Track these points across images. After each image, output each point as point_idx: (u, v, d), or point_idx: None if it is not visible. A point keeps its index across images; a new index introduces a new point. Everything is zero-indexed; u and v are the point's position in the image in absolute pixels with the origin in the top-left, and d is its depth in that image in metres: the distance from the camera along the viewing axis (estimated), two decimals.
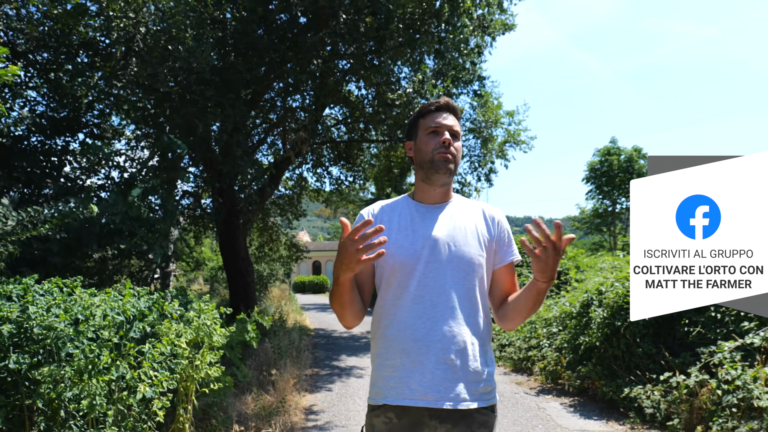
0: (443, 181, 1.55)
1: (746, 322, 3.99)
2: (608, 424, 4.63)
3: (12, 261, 3.76)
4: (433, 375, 1.42)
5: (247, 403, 4.78)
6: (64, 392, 2.67)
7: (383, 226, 1.27)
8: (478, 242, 1.55)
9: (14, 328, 2.64)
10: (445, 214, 1.57)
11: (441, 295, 1.46)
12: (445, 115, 1.57)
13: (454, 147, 1.55)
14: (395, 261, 1.49)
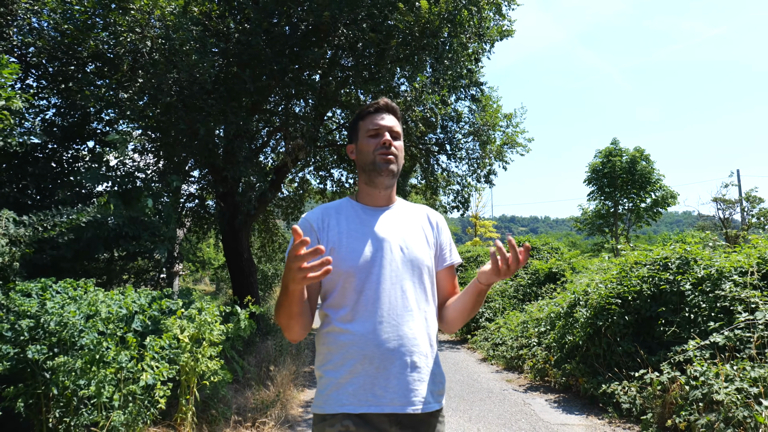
0: (386, 183, 1.52)
1: (712, 322, 4.21)
2: (588, 418, 4.87)
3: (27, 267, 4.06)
4: (398, 380, 1.39)
5: (247, 398, 5.05)
6: (76, 380, 2.95)
7: (322, 247, 1.19)
8: (427, 244, 1.55)
9: (33, 322, 2.93)
10: (392, 217, 1.55)
11: (400, 297, 1.44)
12: (384, 116, 1.55)
13: (395, 147, 1.53)
14: (349, 266, 1.44)
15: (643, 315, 5.13)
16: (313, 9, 5.59)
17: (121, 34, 4.97)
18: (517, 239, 13.37)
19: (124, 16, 4.89)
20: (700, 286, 4.71)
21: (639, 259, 5.66)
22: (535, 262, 10.95)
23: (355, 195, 1.61)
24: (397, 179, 1.55)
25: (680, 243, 5.50)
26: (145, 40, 4.87)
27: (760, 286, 4.38)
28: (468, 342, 9.99)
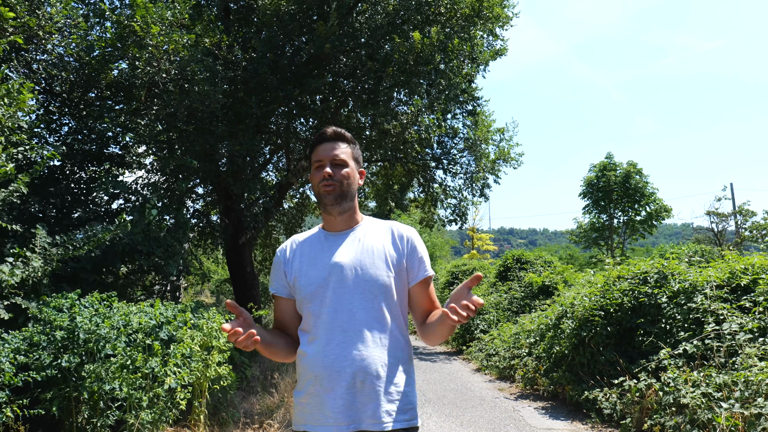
0: (336, 210, 1.57)
1: (683, 332, 4.56)
2: (573, 424, 5.19)
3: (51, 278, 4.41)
4: (344, 400, 1.43)
5: (252, 403, 5.37)
6: (103, 386, 3.29)
7: (243, 330, 1.35)
8: (385, 263, 1.55)
9: (65, 334, 3.28)
10: (351, 240, 1.58)
11: (350, 320, 1.48)
12: (329, 145, 1.58)
13: (339, 176, 1.56)
14: (305, 291, 1.53)
15: (624, 326, 5.48)
16: (315, 41, 6.04)
17: (138, 67, 5.39)
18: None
19: (141, 51, 5.31)
20: (675, 299, 5.06)
21: (621, 274, 6.02)
22: (530, 275, 11.29)
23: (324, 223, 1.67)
24: (348, 203, 1.58)
25: (659, 258, 5.88)
26: (161, 73, 5.29)
27: (729, 299, 4.74)
28: (463, 353, 10.30)
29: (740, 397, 3.41)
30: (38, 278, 3.91)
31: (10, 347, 2.99)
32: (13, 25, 4.44)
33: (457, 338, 11.00)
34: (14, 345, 3.02)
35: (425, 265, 1.61)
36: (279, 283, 1.62)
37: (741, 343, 4.01)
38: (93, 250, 4.30)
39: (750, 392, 3.45)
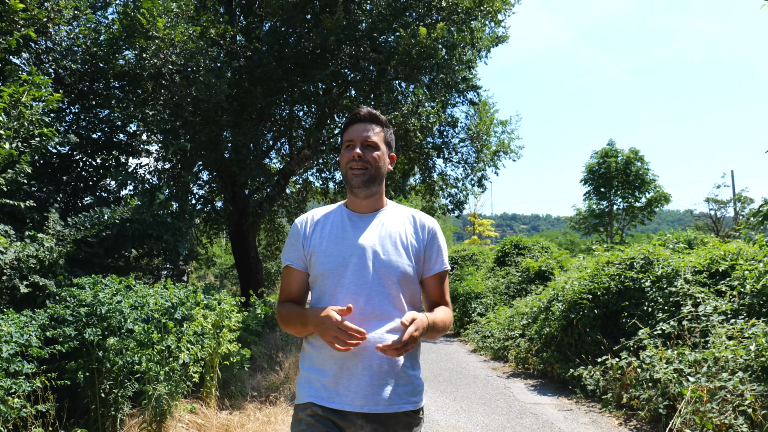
0: (361, 194, 1.57)
1: (662, 314, 4.85)
2: (559, 399, 5.51)
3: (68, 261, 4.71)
4: (360, 381, 1.45)
5: (258, 380, 5.71)
6: (124, 358, 3.60)
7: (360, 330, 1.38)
8: (406, 251, 1.56)
9: (88, 309, 3.58)
10: (375, 223, 1.58)
11: (368, 303, 1.49)
12: (361, 126, 1.57)
13: (369, 158, 1.54)
14: (324, 269, 1.53)
15: (610, 308, 5.77)
16: (320, 32, 6.22)
17: (144, 58, 5.60)
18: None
19: (148, 42, 5.52)
20: (657, 283, 5.34)
21: (610, 259, 6.28)
22: (526, 261, 11.58)
23: (347, 201, 1.67)
24: (376, 186, 1.58)
25: (645, 245, 6.13)
26: (168, 64, 5.50)
27: (708, 283, 5.01)
28: (461, 335, 10.65)
29: (706, 372, 3.71)
30: (54, 259, 4.19)
31: (37, 323, 3.28)
32: (23, 17, 4.64)
33: (456, 322, 11.35)
34: (41, 321, 3.32)
35: (443, 259, 1.64)
36: (295, 255, 1.61)
37: (714, 324, 4.28)
38: (104, 233, 4.57)
39: (717, 368, 3.73)
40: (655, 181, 24.27)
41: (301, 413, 1.51)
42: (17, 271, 3.78)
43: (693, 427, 3.56)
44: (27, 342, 2.99)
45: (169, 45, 5.56)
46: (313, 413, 1.48)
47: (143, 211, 5.28)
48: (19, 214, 4.48)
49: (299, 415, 1.52)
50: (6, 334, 2.87)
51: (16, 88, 3.48)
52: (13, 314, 3.14)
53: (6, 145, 3.34)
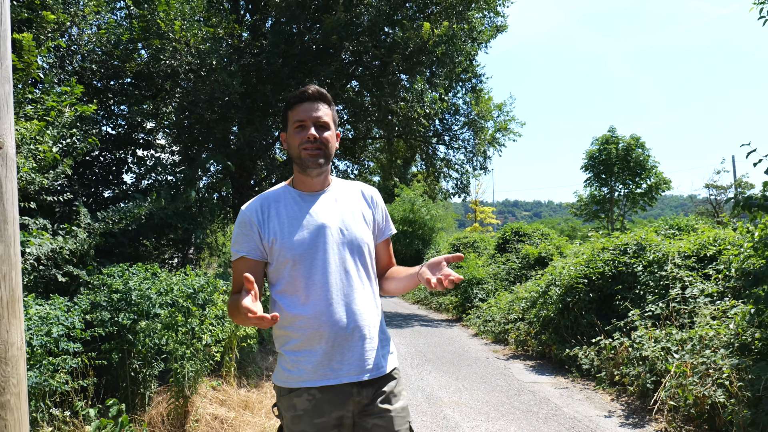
0: (315, 173, 1.57)
1: (649, 295, 5.14)
2: (556, 378, 5.84)
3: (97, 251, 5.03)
4: (353, 353, 1.52)
5: (271, 362, 6.06)
6: (152, 340, 3.93)
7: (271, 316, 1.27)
8: (364, 222, 1.64)
9: (121, 296, 3.89)
10: (329, 200, 1.61)
11: (344, 278, 1.54)
12: (312, 105, 1.56)
13: (321, 139, 1.55)
14: (294, 254, 1.52)
15: (605, 292, 6.07)
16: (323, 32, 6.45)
17: (161, 59, 5.85)
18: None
19: (164, 43, 5.77)
20: (649, 267, 5.62)
21: (605, 245, 6.56)
22: (526, 247, 11.86)
23: (292, 181, 1.65)
24: (328, 165, 1.60)
25: (638, 231, 6.41)
26: (183, 65, 5.75)
27: (696, 267, 5.29)
28: (462, 320, 10.99)
29: (690, 349, 4.00)
30: (84, 250, 4.51)
31: (80, 308, 3.60)
32: (51, 26, 4.90)
33: (458, 306, 11.68)
34: (83, 306, 3.63)
35: (390, 224, 1.76)
36: (250, 245, 1.56)
37: (700, 305, 4.57)
38: (129, 225, 4.88)
39: (701, 346, 4.03)
40: (656, 168, 24.41)
41: (296, 399, 1.52)
42: (53, 262, 4.09)
43: (676, 400, 3.87)
44: (72, 324, 3.30)
45: (185, 46, 5.80)
46: (311, 397, 1.51)
47: (167, 207, 5.59)
48: (48, 207, 4.79)
49: (294, 401, 1.52)
50: (54, 317, 3.19)
51: (56, 98, 3.76)
52: (57, 299, 3.45)
53: (54, 148, 3.64)
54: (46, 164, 3.88)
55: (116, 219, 4.86)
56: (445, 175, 14.76)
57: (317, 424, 1.51)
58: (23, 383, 1.43)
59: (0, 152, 1.41)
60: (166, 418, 4.05)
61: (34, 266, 4.00)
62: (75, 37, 5.52)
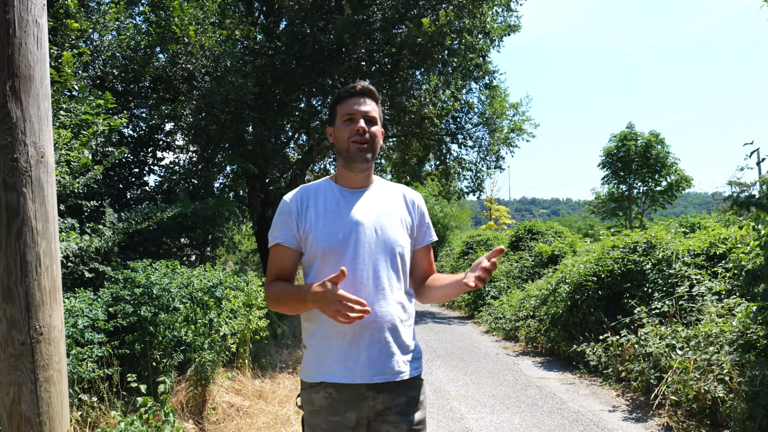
0: (361, 168, 1.58)
1: (656, 293, 5.18)
2: (563, 374, 5.92)
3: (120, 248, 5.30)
4: (369, 354, 1.50)
5: (285, 355, 6.28)
6: (173, 333, 4.15)
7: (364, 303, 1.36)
8: (402, 225, 1.62)
9: (143, 290, 4.13)
10: (368, 199, 1.61)
11: (371, 277, 1.53)
12: (361, 100, 1.57)
13: (370, 133, 1.55)
14: (325, 246, 1.53)
15: (614, 290, 6.11)
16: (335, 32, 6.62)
17: (177, 62, 6.10)
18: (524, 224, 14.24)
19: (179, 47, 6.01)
20: (658, 266, 5.65)
21: (616, 244, 6.59)
22: (540, 245, 11.87)
23: (335, 176, 1.66)
24: (373, 162, 1.61)
25: (648, 230, 6.42)
26: (199, 68, 5.99)
27: (705, 266, 5.31)
28: (474, 317, 11.08)
29: (694, 346, 4.06)
30: (109, 247, 4.77)
31: (103, 300, 3.84)
32: (75, 34, 5.17)
33: (470, 304, 11.77)
34: (105, 299, 3.88)
35: (431, 231, 1.74)
36: (288, 233, 1.58)
37: (707, 303, 4.61)
38: (151, 226, 5.14)
39: (705, 343, 4.08)
40: (676, 165, 23.99)
41: (314, 394, 1.54)
42: (80, 259, 4.35)
43: (678, 395, 3.94)
44: (95, 316, 3.54)
45: (200, 50, 6.04)
46: (327, 395, 1.52)
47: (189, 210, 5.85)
48: (77, 207, 5.07)
49: (312, 396, 1.55)
50: (79, 310, 3.42)
51: (89, 110, 4.03)
52: (83, 292, 3.70)
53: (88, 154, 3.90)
54: (78, 169, 4.15)
55: (139, 219, 5.12)
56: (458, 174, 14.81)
57: (332, 422, 1.53)
58: (63, 361, 1.63)
59: (42, 161, 1.60)
60: (185, 405, 4.28)
61: (63, 263, 4.27)
62: (96, 42, 5.80)
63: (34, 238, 1.57)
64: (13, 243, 1.54)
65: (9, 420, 1.56)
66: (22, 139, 1.56)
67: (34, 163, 1.58)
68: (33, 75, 1.59)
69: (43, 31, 1.64)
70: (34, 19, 1.60)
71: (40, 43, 1.62)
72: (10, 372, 1.54)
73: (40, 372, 1.57)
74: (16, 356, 1.54)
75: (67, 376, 1.66)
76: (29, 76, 1.58)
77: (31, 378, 1.56)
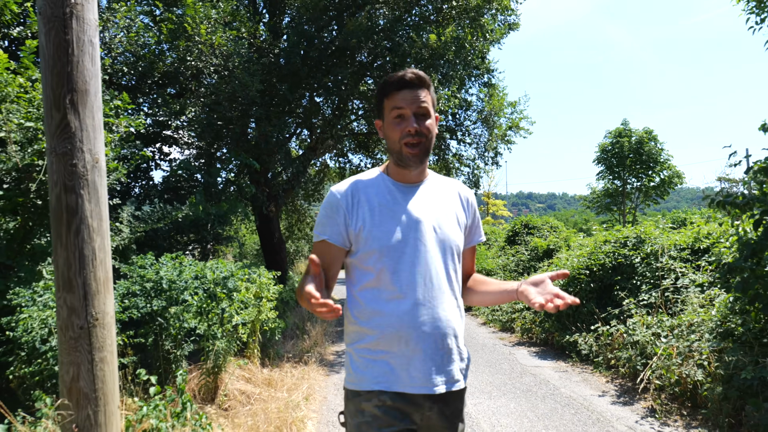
0: (415, 168, 1.47)
1: (644, 285, 5.45)
2: (557, 363, 6.20)
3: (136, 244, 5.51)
4: (433, 361, 1.40)
5: (292, 345, 6.53)
6: (183, 324, 4.38)
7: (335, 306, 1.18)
8: (457, 224, 1.54)
9: (153, 284, 4.34)
10: (424, 194, 1.51)
11: (433, 279, 1.43)
12: (410, 93, 1.42)
13: (424, 129, 1.43)
14: (382, 245, 1.42)
15: (605, 283, 6.38)
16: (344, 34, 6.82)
17: (187, 60, 6.28)
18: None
19: (188, 44, 6.19)
20: (646, 259, 5.92)
21: (607, 238, 6.86)
22: (535, 240, 12.15)
23: (387, 168, 1.54)
24: (428, 157, 1.48)
25: (638, 226, 6.69)
26: (209, 66, 6.18)
27: (690, 259, 5.58)
28: (472, 310, 11.36)
29: (678, 334, 4.33)
30: (126, 245, 4.98)
31: (118, 292, 4.06)
32: None
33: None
34: (120, 292, 4.10)
35: (481, 230, 1.67)
36: (335, 230, 1.45)
37: (690, 295, 4.88)
38: (166, 225, 5.36)
39: (688, 331, 4.35)
40: (669, 161, 24.34)
41: (365, 403, 1.40)
42: None
43: (661, 379, 4.21)
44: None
45: (210, 48, 6.22)
46: (381, 403, 1.39)
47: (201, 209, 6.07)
48: None
49: (362, 405, 1.41)
50: None
51: (108, 111, 4.22)
52: None
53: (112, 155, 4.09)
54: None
55: (155, 219, 5.33)
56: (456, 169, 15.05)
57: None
58: (114, 344, 1.86)
59: (96, 165, 1.82)
60: (197, 393, 4.52)
61: None
62: (107, 40, 5.98)
63: (91, 235, 1.79)
64: (72, 239, 1.77)
65: (69, 394, 1.80)
66: (80, 147, 1.78)
67: (90, 168, 1.80)
68: (88, 89, 1.81)
69: (96, 49, 1.85)
70: (89, 38, 1.81)
71: (93, 60, 1.84)
72: (70, 353, 1.78)
73: (95, 353, 1.80)
74: (75, 339, 1.77)
75: (116, 357, 1.89)
76: (85, 90, 1.80)
77: (88, 358, 1.79)
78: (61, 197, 1.76)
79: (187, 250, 7.44)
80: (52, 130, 1.76)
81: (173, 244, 6.61)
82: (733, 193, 4.12)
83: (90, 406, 1.77)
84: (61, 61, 1.76)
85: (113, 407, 1.84)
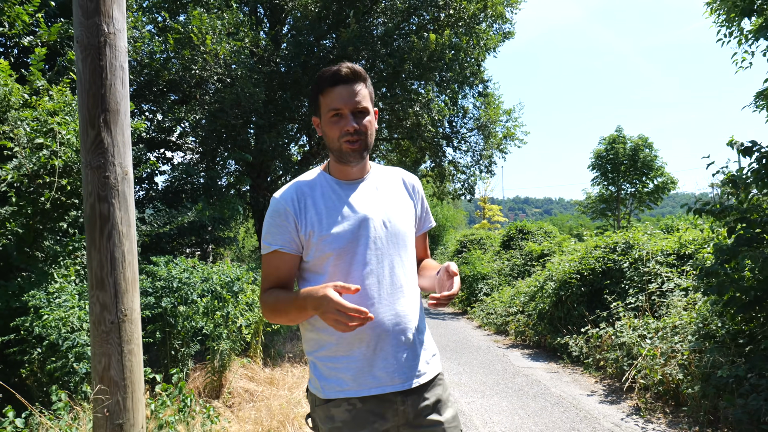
0: (356, 164, 1.44)
1: (631, 289, 5.68)
2: (549, 364, 6.41)
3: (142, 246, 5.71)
4: (396, 359, 1.38)
5: (293, 346, 6.71)
6: (191, 323, 4.57)
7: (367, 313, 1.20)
8: (407, 214, 1.50)
9: (164, 283, 4.54)
10: (369, 190, 1.47)
11: (388, 275, 1.40)
12: (346, 89, 1.37)
13: (362, 127, 1.38)
14: (333, 248, 1.37)
15: (595, 287, 6.61)
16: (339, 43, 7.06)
17: (192, 69, 6.50)
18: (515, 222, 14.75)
19: (193, 53, 6.41)
20: (634, 264, 6.15)
21: (598, 244, 7.09)
22: (530, 244, 12.39)
23: (327, 167, 1.50)
24: (369, 152, 1.45)
25: (627, 232, 6.93)
26: (212, 75, 6.40)
27: (676, 264, 5.81)
28: (467, 313, 11.57)
29: (662, 335, 4.55)
30: None
31: None
32: None
33: (463, 300, 12.26)
34: None
35: (430, 216, 1.63)
36: (286, 237, 1.40)
37: (674, 298, 5.11)
38: (172, 230, 5.56)
39: (671, 333, 4.58)
40: (663, 168, 24.69)
41: (334, 409, 1.38)
42: None
43: (646, 379, 4.43)
44: None
45: (214, 58, 6.44)
46: (351, 407, 1.37)
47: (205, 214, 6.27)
48: None
49: (331, 411, 1.38)
50: None
51: None
52: None
53: None
54: None
55: (161, 223, 5.53)
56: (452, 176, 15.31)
57: None
58: (140, 338, 2.06)
59: (126, 177, 2.03)
60: (202, 390, 4.70)
61: None
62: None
63: (120, 239, 2.00)
64: (104, 243, 1.97)
65: (101, 382, 1.99)
66: (112, 161, 1.99)
67: (120, 179, 2.01)
68: (119, 109, 2.02)
69: (125, 73, 2.07)
70: (120, 64, 2.03)
71: (123, 83, 2.05)
72: (102, 345, 1.98)
73: (124, 345, 2.00)
74: (107, 332, 1.98)
75: (141, 349, 2.09)
76: (117, 110, 2.01)
77: (118, 350, 1.99)
78: (95, 206, 1.97)
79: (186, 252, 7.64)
80: (88, 146, 1.97)
81: (176, 247, 6.80)
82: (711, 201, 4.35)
83: (119, 393, 1.97)
84: (96, 84, 1.96)
85: (139, 394, 2.04)
